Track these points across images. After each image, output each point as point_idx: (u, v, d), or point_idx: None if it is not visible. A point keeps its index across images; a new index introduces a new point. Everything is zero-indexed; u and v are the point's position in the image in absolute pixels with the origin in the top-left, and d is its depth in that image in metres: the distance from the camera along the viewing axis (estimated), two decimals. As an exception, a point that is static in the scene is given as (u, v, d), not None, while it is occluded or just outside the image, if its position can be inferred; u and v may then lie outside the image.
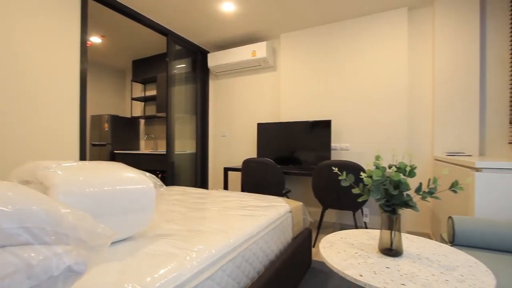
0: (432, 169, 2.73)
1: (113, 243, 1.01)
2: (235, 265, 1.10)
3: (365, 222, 2.72)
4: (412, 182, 2.59)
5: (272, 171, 2.63)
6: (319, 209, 3.30)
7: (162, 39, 3.66)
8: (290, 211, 1.75)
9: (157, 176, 4.02)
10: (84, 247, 0.54)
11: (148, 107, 5.00)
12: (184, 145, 3.91)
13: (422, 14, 2.81)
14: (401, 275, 0.87)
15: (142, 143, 5.10)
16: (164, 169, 3.72)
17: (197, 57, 4.01)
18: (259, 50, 3.35)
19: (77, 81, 2.36)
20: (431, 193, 0.88)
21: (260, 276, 1.26)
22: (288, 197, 3.08)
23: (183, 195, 2.06)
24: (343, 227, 3.03)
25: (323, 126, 2.97)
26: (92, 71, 4.83)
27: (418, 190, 0.91)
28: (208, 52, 4.07)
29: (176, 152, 3.63)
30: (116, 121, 4.64)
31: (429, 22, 2.78)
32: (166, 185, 3.39)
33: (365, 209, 2.73)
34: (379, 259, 0.99)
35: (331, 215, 3.23)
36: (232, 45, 3.86)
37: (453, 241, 1.34)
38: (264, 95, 3.72)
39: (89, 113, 4.79)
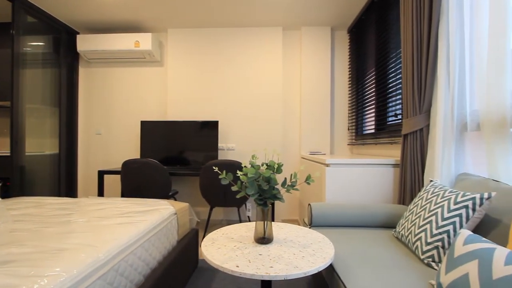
0: (299, 165, 3.29)
1: None
2: (106, 282, 0.97)
3: (248, 216, 2.97)
4: (283, 178, 3.04)
5: (157, 173, 2.48)
6: (207, 208, 3.35)
7: (5, 4, 2.78)
8: (175, 213, 1.70)
9: (-5, 186, 3.01)
10: None
11: (-20, 92, 3.67)
12: (42, 145, 3.11)
13: (293, 35, 3.34)
14: (270, 259, 1.01)
15: (-31, 141, 3.69)
16: (8, 176, 2.83)
17: (62, 36, 3.27)
18: (143, 41, 3.08)
19: None
20: (292, 186, 1.06)
21: None
22: (175, 199, 2.97)
23: (37, 207, 1.64)
24: (229, 222, 3.20)
25: (211, 127, 3.04)
26: None
27: (283, 184, 1.08)
28: (78, 33, 3.40)
29: (27, 154, 2.84)
30: None
31: (298, 43, 3.34)
32: (12, 196, 2.60)
33: (248, 204, 2.99)
34: (254, 248, 1.10)
35: (219, 212, 3.35)
36: (110, 30, 3.37)
37: (311, 223, 1.66)
38: (149, 91, 3.45)
39: None
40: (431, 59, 1.54)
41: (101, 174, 2.79)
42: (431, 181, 1.38)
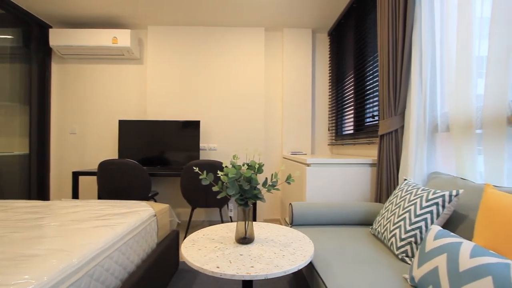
0: (281, 165, 3.32)
1: None
2: (80, 288, 0.93)
3: (230, 217, 2.96)
4: (264, 178, 3.05)
5: (136, 174, 2.40)
6: (189, 209, 3.30)
7: (-32, -6, 2.59)
8: (155, 215, 1.66)
9: (-44, 189, 2.79)
10: None
11: None
12: (10, 145, 2.93)
13: (275, 36, 3.36)
14: (251, 259, 1.01)
15: None
16: (-30, 178, 2.64)
17: (33, 30, 3.09)
18: (121, 37, 2.97)
19: None
20: (273, 185, 1.07)
21: (116, 292, 1.13)
22: (155, 200, 2.90)
23: (3, 211, 1.54)
24: (211, 223, 3.17)
25: (192, 127, 3.00)
26: None
27: (264, 184, 1.08)
28: (51, 27, 3.23)
29: (-7, 154, 2.66)
30: None
31: (280, 45, 3.37)
32: (-26, 200, 2.42)
33: (230, 205, 2.98)
34: (235, 249, 1.10)
35: (200, 213, 3.31)
36: (86, 25, 3.23)
37: (292, 222, 1.68)
38: (128, 89, 3.34)
39: None
40: (405, 63, 1.61)
41: (76, 175, 2.67)
42: (405, 179, 1.45)
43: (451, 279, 0.75)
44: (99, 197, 2.66)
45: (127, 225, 1.34)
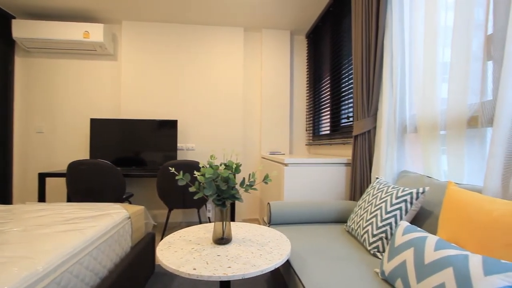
0: (259, 165, 3.34)
1: None
2: (45, 297, 0.87)
3: (209, 217, 2.93)
4: (242, 178, 3.05)
5: (109, 174, 2.30)
6: (166, 211, 3.22)
7: None
8: (129, 217, 1.60)
9: None
10: None
11: None
12: (-35, 144, 2.69)
13: (254, 37, 3.38)
14: (228, 259, 1.01)
15: None
16: None
17: (-8, 20, 2.86)
18: (94, 32, 2.83)
19: None
20: (251, 185, 1.08)
21: (86, 299, 1.08)
22: (130, 202, 2.80)
23: (-43, 217, 1.41)
24: (189, 224, 3.12)
25: (169, 126, 2.93)
26: None
27: (242, 184, 1.08)
28: (14, 18, 3.00)
29: None
30: None
31: (259, 45, 3.39)
32: None
33: (208, 205, 2.94)
34: (212, 249, 1.09)
35: (178, 215, 3.24)
36: (54, 18, 3.04)
37: (270, 222, 1.69)
38: (101, 86, 3.19)
39: None
40: (378, 67, 1.69)
41: (43, 177, 2.51)
42: (377, 178, 1.52)
43: (418, 271, 0.80)
44: (69, 200, 2.52)
45: (98, 228, 1.28)
